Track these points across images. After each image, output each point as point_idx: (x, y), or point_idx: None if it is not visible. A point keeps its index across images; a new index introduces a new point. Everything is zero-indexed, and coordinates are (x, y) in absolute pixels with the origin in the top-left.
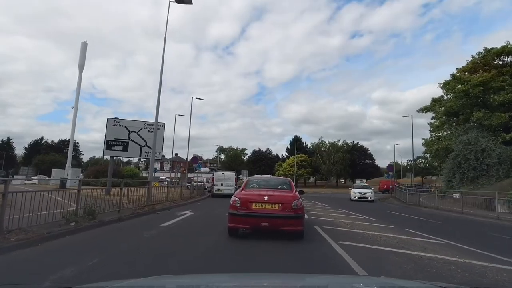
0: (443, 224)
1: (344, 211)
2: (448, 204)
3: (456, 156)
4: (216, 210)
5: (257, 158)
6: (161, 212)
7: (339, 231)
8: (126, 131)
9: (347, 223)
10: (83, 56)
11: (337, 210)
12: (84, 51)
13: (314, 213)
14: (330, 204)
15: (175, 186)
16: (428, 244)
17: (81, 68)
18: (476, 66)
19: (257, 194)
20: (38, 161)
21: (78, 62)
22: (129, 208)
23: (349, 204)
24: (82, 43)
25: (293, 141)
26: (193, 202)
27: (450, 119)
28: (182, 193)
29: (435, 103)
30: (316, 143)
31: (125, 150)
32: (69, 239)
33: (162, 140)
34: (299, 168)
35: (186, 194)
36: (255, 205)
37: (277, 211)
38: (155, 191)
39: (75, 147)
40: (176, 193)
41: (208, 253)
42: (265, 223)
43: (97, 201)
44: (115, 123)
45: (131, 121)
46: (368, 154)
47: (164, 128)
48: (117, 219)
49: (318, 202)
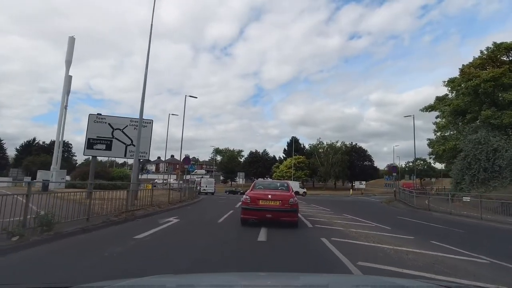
0: (469, 234)
1: (349, 217)
2: (460, 208)
3: (466, 157)
4: (206, 216)
5: (254, 159)
6: (142, 219)
7: (353, 245)
8: (110, 129)
9: (358, 233)
10: (71, 51)
11: (341, 215)
12: (71, 46)
13: (317, 220)
14: (332, 208)
15: (164, 189)
16: (473, 266)
17: (68, 64)
18: (484, 61)
19: (262, 193)
20: (28, 162)
21: (65, 58)
22: (102, 215)
23: (352, 208)
24: (70, 38)
25: (290, 142)
26: (183, 206)
27: (457, 118)
28: (170, 197)
29: (439, 102)
30: (314, 144)
31: (108, 149)
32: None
33: (150, 138)
34: (297, 170)
35: (176, 197)
36: (262, 201)
37: (278, 206)
38: (141, 194)
39: (67, 148)
40: (165, 196)
41: None
42: (269, 215)
43: (68, 206)
44: (98, 119)
45: (115, 118)
46: (367, 156)
47: (151, 125)
48: (81, 229)
49: (319, 206)
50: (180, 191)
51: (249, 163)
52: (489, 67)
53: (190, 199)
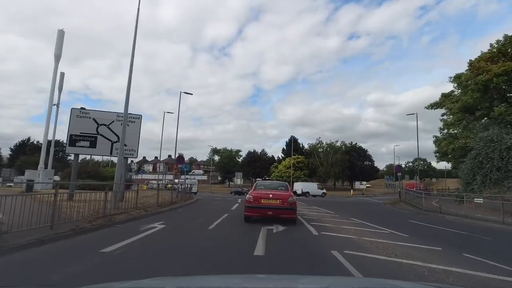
0: (500, 243)
1: (357, 221)
2: (473, 210)
3: (477, 155)
4: (197, 220)
5: (252, 159)
6: (120, 225)
7: (373, 261)
8: (95, 124)
9: (375, 244)
10: (60, 45)
11: (348, 219)
12: (61, 40)
13: (323, 226)
14: (336, 211)
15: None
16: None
17: (57, 58)
18: (494, 55)
19: (264, 193)
20: (22, 162)
21: (54, 52)
22: (72, 221)
23: (357, 211)
24: (59, 31)
25: (289, 141)
26: (173, 209)
27: (466, 115)
28: (159, 199)
29: (446, 99)
30: (314, 144)
31: (92, 146)
32: None
33: (138, 135)
34: (296, 170)
35: (167, 199)
36: (263, 200)
37: (278, 205)
38: (130, 195)
39: (62, 148)
40: (155, 198)
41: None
42: (270, 212)
43: (33, 210)
44: (81, 114)
45: (101, 112)
46: (367, 155)
47: (140, 121)
48: (38, 240)
49: (321, 208)
50: (172, 192)
51: (247, 163)
52: (499, 61)
53: (183, 200)
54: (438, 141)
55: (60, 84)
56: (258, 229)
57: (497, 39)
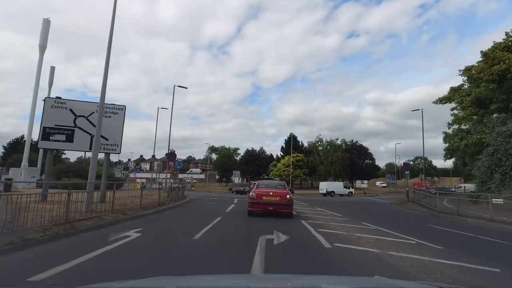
0: None
1: (372, 227)
2: (494, 212)
3: (495, 152)
4: (182, 227)
5: (250, 158)
6: (84, 234)
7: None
8: (72, 116)
9: (408, 261)
10: (45, 35)
11: (360, 224)
12: (46, 29)
13: (334, 234)
14: (344, 213)
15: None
16: None
17: (42, 48)
18: (509, 45)
19: (265, 191)
20: (13, 160)
21: (39, 42)
22: (21, 230)
23: (365, 212)
24: (44, 20)
25: (288, 139)
26: (159, 212)
27: (479, 109)
28: (143, 200)
29: (455, 92)
30: (313, 142)
31: (69, 140)
32: None
33: (122, 128)
34: (295, 169)
35: (154, 200)
36: (265, 197)
37: (277, 201)
38: (116, 195)
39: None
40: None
41: None
42: (270, 208)
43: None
44: (57, 104)
45: (79, 103)
46: (368, 154)
47: (124, 112)
48: None
49: (326, 210)
50: (160, 191)
51: (245, 162)
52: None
53: (174, 201)
54: (448, 137)
55: (51, 79)
56: (255, 240)
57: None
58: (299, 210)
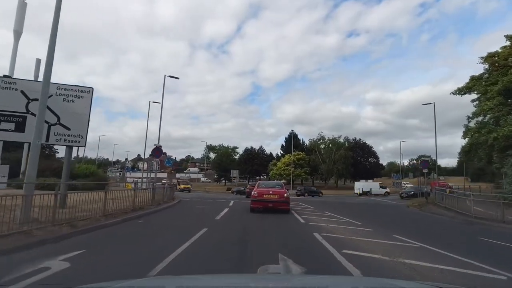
0: None
1: (413, 243)
2: None
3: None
4: (148, 246)
5: (249, 157)
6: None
7: None
8: (24, 99)
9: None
10: (21, 19)
11: (393, 238)
12: (22, 13)
13: (369, 259)
14: (362, 220)
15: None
16: None
17: (17, 34)
18: None
19: (266, 190)
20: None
21: (14, 27)
22: None
23: (386, 218)
24: (19, 1)
25: (289, 137)
26: (129, 220)
27: (508, 99)
28: (107, 205)
29: (476, 82)
30: (315, 140)
31: (19, 130)
32: None
33: (88, 116)
34: (296, 168)
35: (128, 204)
36: (265, 195)
37: (276, 199)
38: (85, 198)
39: (47, 144)
40: (122, 201)
41: None
42: (270, 205)
43: None
44: (4, 84)
45: (33, 83)
46: (371, 152)
47: (91, 96)
48: None
49: (336, 214)
50: (135, 192)
51: (244, 161)
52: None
53: (157, 204)
54: (470, 131)
55: (36, 72)
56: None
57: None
58: (308, 217)
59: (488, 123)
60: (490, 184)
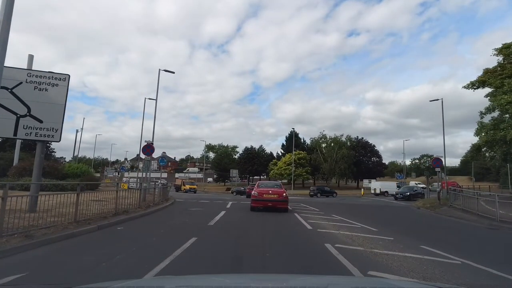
0: None
1: (452, 259)
2: None
3: None
4: (114, 267)
5: (249, 156)
6: None
7: None
8: None
9: None
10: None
11: (421, 250)
12: None
13: None
14: (379, 227)
15: None
16: None
17: None
18: None
19: (265, 190)
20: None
21: None
22: None
23: (404, 224)
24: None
25: (289, 136)
26: (108, 226)
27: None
28: (78, 210)
29: (491, 75)
30: (316, 139)
31: None
32: None
33: (64, 106)
34: (297, 167)
35: (110, 207)
36: (265, 195)
37: (275, 198)
38: (54, 200)
39: (46, 145)
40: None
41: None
42: (270, 204)
43: None
44: None
45: None
46: (374, 151)
47: (67, 83)
48: None
49: (345, 217)
50: (117, 193)
51: (244, 160)
52: None
53: (145, 207)
54: (485, 127)
55: (28, 68)
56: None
57: None
58: (314, 221)
59: (507, 118)
60: (495, 184)
